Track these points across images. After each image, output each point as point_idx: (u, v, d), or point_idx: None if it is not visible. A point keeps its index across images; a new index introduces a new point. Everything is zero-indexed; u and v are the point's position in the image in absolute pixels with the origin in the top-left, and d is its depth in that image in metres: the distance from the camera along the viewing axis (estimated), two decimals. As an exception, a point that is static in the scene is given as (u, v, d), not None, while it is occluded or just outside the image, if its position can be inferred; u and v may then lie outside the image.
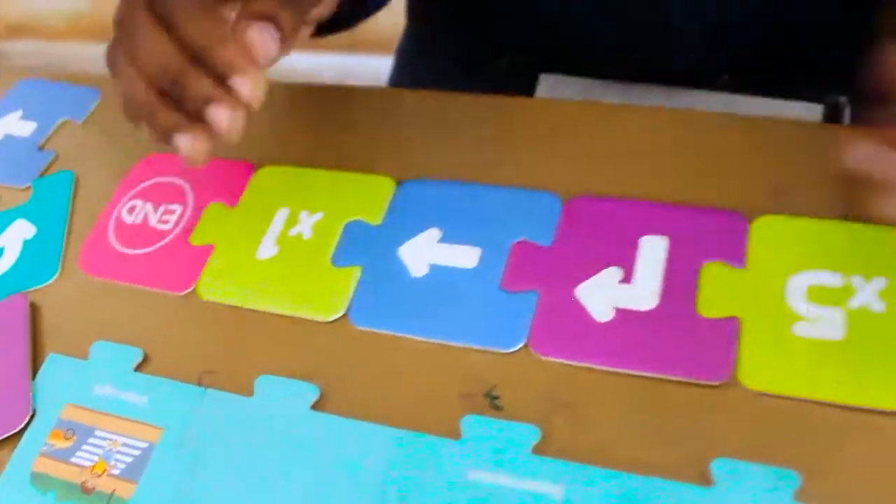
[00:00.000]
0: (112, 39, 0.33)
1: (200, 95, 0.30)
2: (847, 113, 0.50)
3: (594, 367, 0.31)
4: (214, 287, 0.36)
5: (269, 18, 0.30)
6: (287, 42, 0.31)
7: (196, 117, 0.31)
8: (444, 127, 0.41)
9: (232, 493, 0.30)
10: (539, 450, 0.29)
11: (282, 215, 0.38)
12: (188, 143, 0.31)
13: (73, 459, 0.32)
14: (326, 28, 0.43)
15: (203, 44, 0.30)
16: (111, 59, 0.33)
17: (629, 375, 0.31)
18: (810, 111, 0.50)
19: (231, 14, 0.32)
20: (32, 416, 0.34)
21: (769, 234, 0.33)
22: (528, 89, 0.54)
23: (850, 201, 0.33)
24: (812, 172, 0.35)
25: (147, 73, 0.31)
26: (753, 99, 0.51)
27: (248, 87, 0.30)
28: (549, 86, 0.54)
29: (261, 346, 0.34)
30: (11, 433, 0.33)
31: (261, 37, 0.30)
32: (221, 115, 0.30)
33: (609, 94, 0.52)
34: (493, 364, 0.32)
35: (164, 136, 0.32)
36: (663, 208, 0.35)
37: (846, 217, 0.33)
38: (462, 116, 0.41)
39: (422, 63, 0.62)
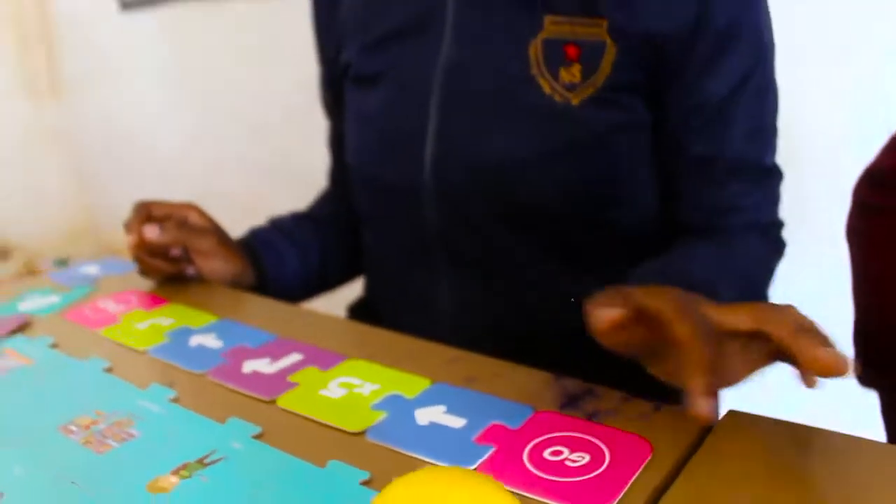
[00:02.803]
0: None
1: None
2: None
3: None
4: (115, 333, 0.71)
5: (159, 226, 0.77)
6: (169, 241, 0.77)
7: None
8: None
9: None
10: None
11: (168, 321, 0.74)
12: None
13: None
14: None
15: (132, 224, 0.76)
16: None
17: (235, 391, 0.59)
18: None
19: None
20: None
21: (352, 364, 0.62)
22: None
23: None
24: (364, 342, 0.64)
25: None
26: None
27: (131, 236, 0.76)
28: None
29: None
30: None
31: (147, 230, 0.76)
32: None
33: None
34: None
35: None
36: (306, 346, 0.66)
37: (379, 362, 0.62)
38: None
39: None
